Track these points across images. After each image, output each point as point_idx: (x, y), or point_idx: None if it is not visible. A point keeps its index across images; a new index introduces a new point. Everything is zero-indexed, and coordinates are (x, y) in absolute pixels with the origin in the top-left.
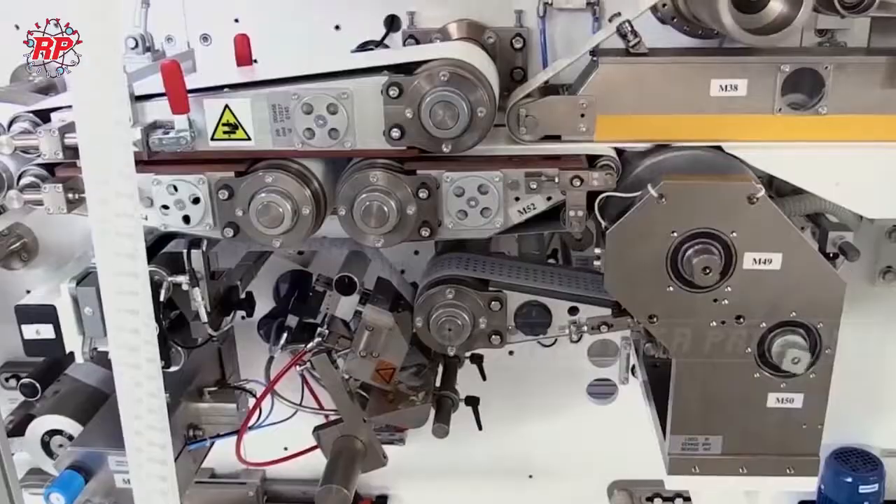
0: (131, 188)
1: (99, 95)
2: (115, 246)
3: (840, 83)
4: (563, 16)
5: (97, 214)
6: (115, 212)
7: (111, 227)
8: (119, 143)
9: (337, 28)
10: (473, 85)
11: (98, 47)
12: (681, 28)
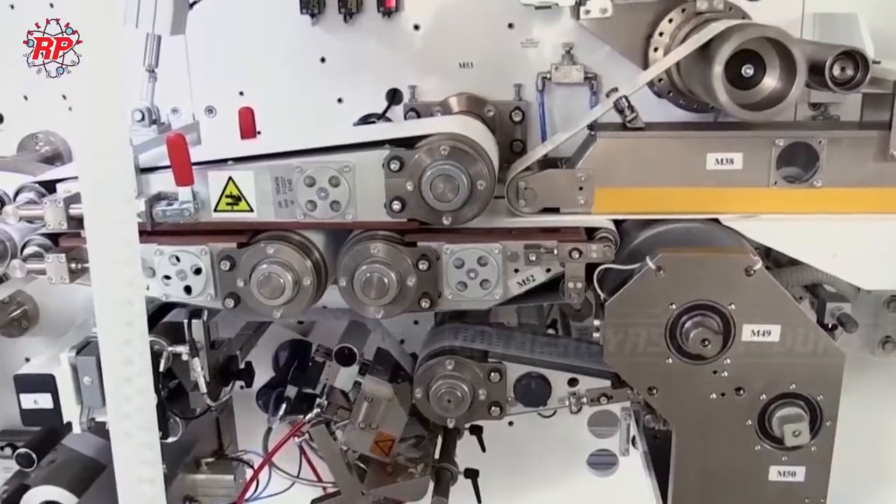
0: (135, 259)
1: (105, 169)
2: (117, 315)
3: (834, 157)
4: (562, 90)
5: (100, 284)
6: (118, 282)
7: (114, 296)
8: (124, 215)
9: (339, 101)
10: (473, 158)
11: (105, 120)
12: (676, 102)
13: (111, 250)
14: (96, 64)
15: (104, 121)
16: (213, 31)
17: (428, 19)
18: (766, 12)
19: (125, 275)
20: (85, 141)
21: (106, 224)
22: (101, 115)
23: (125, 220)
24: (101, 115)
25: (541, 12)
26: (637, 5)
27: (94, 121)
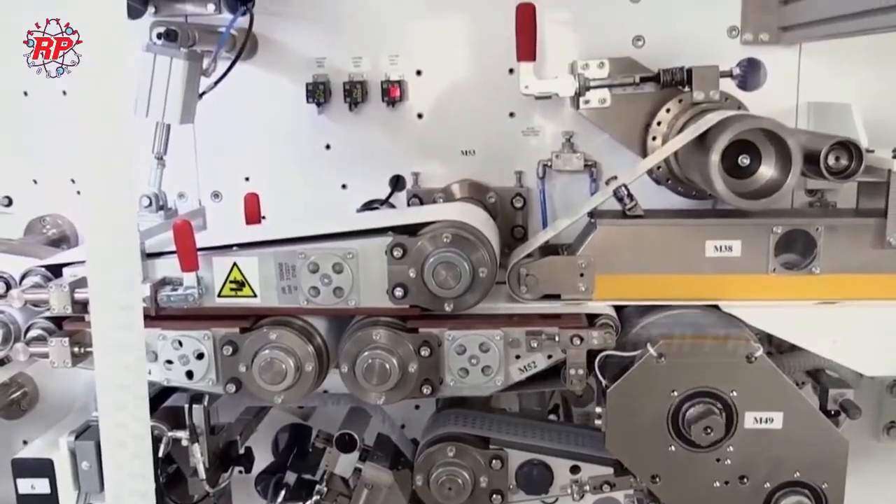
0: (139, 344)
1: (112, 256)
2: (118, 399)
3: (832, 244)
4: (562, 177)
5: (103, 368)
6: (121, 366)
7: (116, 381)
8: (129, 302)
9: (344, 187)
10: (475, 246)
11: (113, 207)
12: (675, 189)
13: (115, 335)
14: (106, 151)
15: (112, 208)
16: (221, 118)
17: (431, 108)
18: (762, 102)
19: (128, 359)
20: (93, 228)
21: (111, 310)
22: (110, 203)
23: (130, 306)
24: (109, 202)
25: (541, 102)
26: (635, 96)
27: (103, 207)
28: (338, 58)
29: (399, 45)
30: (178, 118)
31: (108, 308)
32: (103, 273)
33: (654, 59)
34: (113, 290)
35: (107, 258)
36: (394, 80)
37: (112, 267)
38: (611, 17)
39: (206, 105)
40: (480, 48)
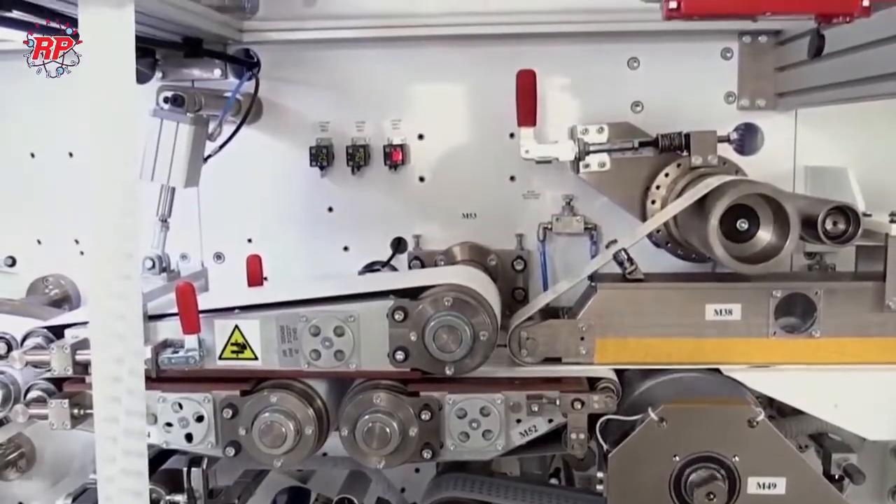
0: (140, 407)
1: (114, 318)
2: (119, 464)
3: (831, 307)
4: (562, 239)
5: (103, 432)
6: (120, 430)
7: (116, 445)
8: (130, 364)
9: (346, 249)
10: (476, 309)
11: (117, 271)
12: (675, 252)
13: (116, 399)
14: (111, 213)
15: (116, 270)
16: (225, 180)
17: (433, 172)
18: (760, 166)
19: (128, 423)
20: (96, 290)
21: (113, 372)
22: (114, 265)
23: (132, 369)
24: (113, 264)
25: (542, 165)
26: (634, 160)
27: (107, 270)
28: (341, 122)
29: (401, 110)
30: (183, 182)
31: (110, 370)
32: (105, 335)
33: (653, 124)
34: (115, 353)
35: (109, 321)
36: (396, 143)
37: (115, 329)
38: (610, 83)
39: (210, 167)
40: (481, 113)
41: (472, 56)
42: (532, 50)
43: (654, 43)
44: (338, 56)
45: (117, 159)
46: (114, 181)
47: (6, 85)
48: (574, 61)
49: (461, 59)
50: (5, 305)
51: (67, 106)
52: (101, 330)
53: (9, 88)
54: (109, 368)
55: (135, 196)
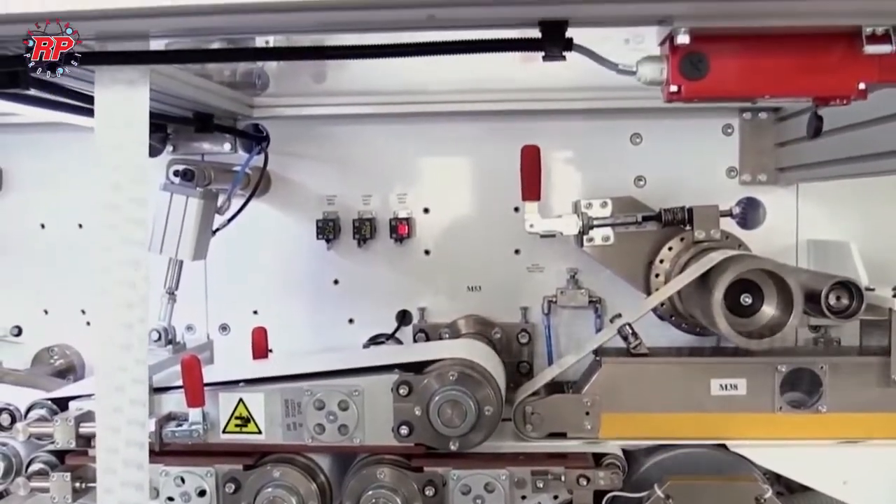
0: (144, 481)
1: (120, 391)
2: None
3: (837, 382)
4: (567, 312)
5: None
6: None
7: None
8: (135, 437)
9: (351, 321)
10: (481, 384)
11: (123, 342)
12: (679, 325)
13: (120, 473)
14: (120, 285)
15: (123, 344)
16: (232, 252)
17: (438, 245)
18: (762, 240)
19: (132, 498)
20: (102, 363)
21: (117, 445)
22: (120, 339)
23: (137, 442)
24: (120, 338)
25: (546, 239)
26: (638, 234)
27: (113, 343)
28: (348, 196)
29: (407, 184)
30: (192, 255)
31: (114, 443)
32: (111, 408)
33: (656, 198)
34: (119, 425)
35: (115, 394)
36: (402, 217)
37: (119, 402)
38: (613, 158)
39: (217, 239)
40: (486, 187)
41: (478, 131)
42: (536, 126)
43: (657, 119)
44: (345, 131)
45: (127, 232)
46: (123, 253)
47: (19, 157)
48: (578, 137)
49: (466, 134)
50: (10, 376)
51: (78, 177)
52: (106, 402)
53: (21, 160)
54: (113, 441)
55: (144, 269)
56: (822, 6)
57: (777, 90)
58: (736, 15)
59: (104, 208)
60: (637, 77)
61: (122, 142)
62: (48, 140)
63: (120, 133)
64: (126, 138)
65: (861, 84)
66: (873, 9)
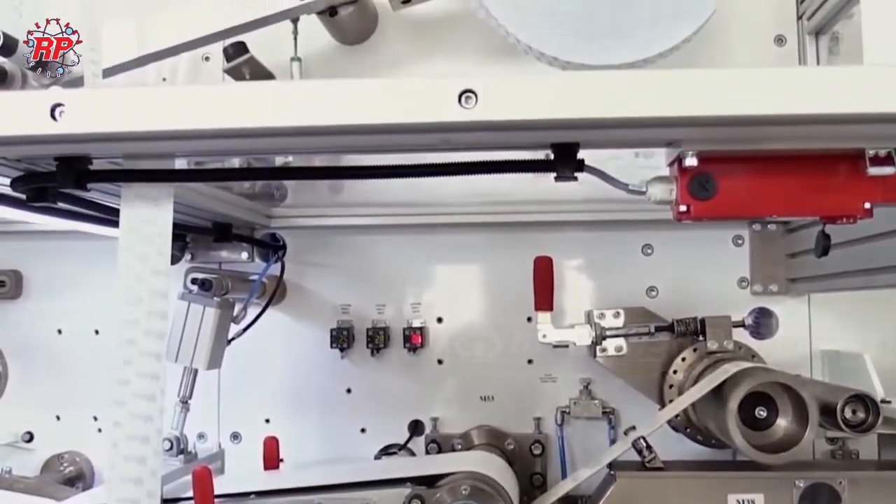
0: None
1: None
2: None
3: (856, 497)
4: (580, 423)
5: None
6: None
7: None
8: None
9: (363, 431)
10: (493, 499)
11: (135, 452)
12: (694, 437)
13: None
14: (134, 394)
15: (135, 454)
16: (246, 360)
17: (451, 354)
18: (776, 350)
19: None
20: (113, 474)
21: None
22: (132, 447)
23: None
24: (132, 449)
25: (559, 349)
26: (651, 344)
27: (124, 453)
28: (362, 305)
29: (421, 293)
30: (206, 364)
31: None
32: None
33: (668, 308)
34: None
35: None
36: (416, 326)
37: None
38: (625, 269)
39: (231, 346)
40: (499, 297)
41: (491, 241)
42: (548, 236)
43: (667, 231)
44: (361, 241)
45: (147, 346)
46: (140, 362)
47: (39, 263)
48: (590, 247)
49: (479, 244)
50: (20, 483)
51: (96, 284)
52: None
53: (41, 266)
54: None
55: (159, 377)
56: (824, 131)
57: (784, 210)
58: (741, 139)
59: (125, 323)
60: (647, 197)
61: (146, 256)
62: (67, 247)
63: (143, 247)
64: (149, 252)
65: (867, 204)
66: (875, 133)
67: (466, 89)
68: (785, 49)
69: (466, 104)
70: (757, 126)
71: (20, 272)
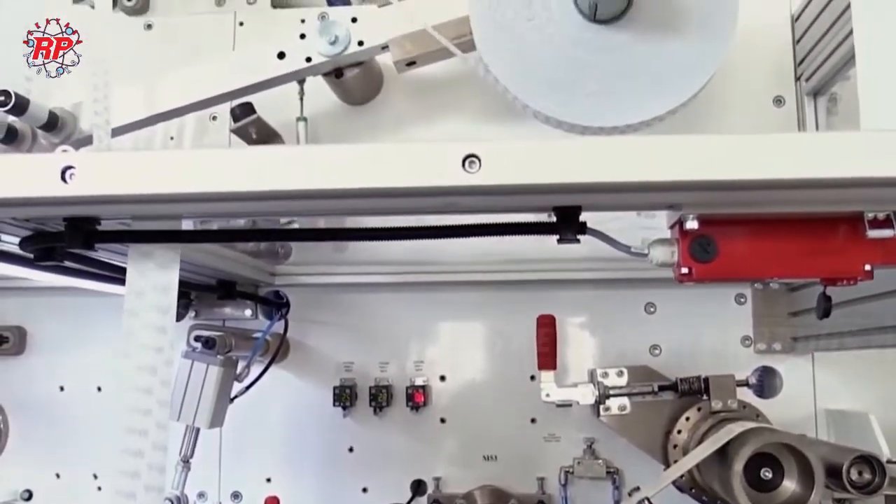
0: None
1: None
2: None
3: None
4: (584, 483)
5: None
6: None
7: None
8: None
9: (364, 490)
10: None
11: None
12: (699, 498)
13: None
14: (136, 452)
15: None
16: (248, 418)
17: (454, 413)
18: (780, 409)
19: None
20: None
21: None
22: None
23: None
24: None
25: (563, 408)
26: (654, 403)
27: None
28: (365, 363)
29: (424, 352)
30: (209, 423)
31: None
32: None
33: (672, 367)
34: None
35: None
36: (418, 385)
37: None
38: (628, 327)
39: (233, 405)
40: (502, 355)
41: (493, 299)
42: (551, 294)
43: (670, 289)
44: (364, 299)
45: (147, 401)
46: (142, 420)
47: (42, 319)
48: (593, 305)
49: (482, 302)
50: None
51: (99, 340)
52: None
53: (45, 322)
54: None
55: (161, 436)
56: (823, 195)
57: (785, 273)
58: (741, 203)
59: (133, 389)
60: (649, 259)
61: (151, 313)
62: (71, 303)
63: (149, 305)
64: (155, 311)
65: (867, 266)
66: (873, 196)
67: (470, 154)
68: (784, 110)
69: (470, 168)
70: (756, 190)
71: (24, 328)
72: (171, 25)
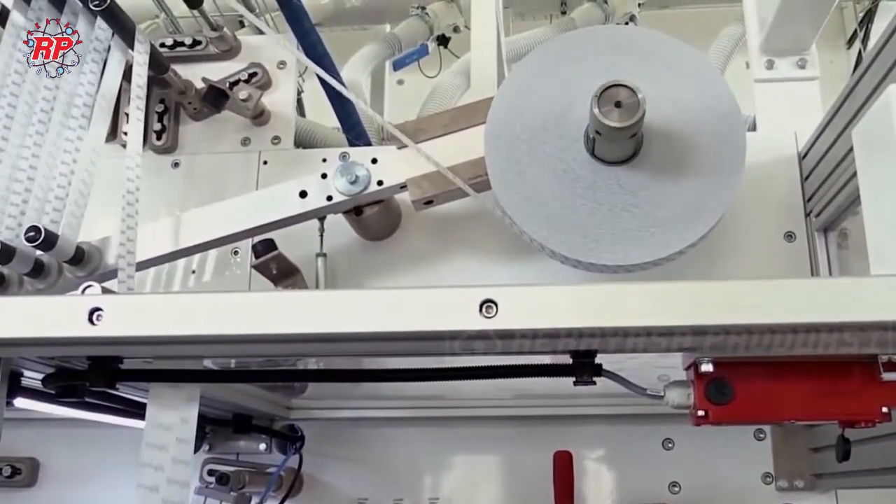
0: None
1: None
2: None
3: None
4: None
5: None
6: None
7: None
8: None
9: None
10: None
11: None
12: None
13: None
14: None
15: None
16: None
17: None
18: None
19: None
20: None
21: None
22: None
23: None
24: None
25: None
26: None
27: None
28: (379, 498)
29: (439, 487)
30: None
31: None
32: None
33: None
34: None
35: None
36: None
37: None
38: (646, 463)
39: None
40: (518, 491)
41: (510, 434)
42: (568, 429)
43: (688, 425)
44: (379, 433)
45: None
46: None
47: (56, 451)
48: (610, 441)
49: (499, 437)
50: None
51: (114, 474)
52: None
53: (59, 454)
54: None
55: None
56: (835, 338)
57: (802, 415)
58: (755, 346)
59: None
60: (665, 402)
61: (169, 451)
62: (86, 435)
63: (168, 442)
64: (173, 446)
65: (884, 408)
66: (886, 339)
67: (487, 299)
68: (794, 245)
69: (487, 313)
70: (768, 334)
71: (37, 459)
72: (198, 163)
